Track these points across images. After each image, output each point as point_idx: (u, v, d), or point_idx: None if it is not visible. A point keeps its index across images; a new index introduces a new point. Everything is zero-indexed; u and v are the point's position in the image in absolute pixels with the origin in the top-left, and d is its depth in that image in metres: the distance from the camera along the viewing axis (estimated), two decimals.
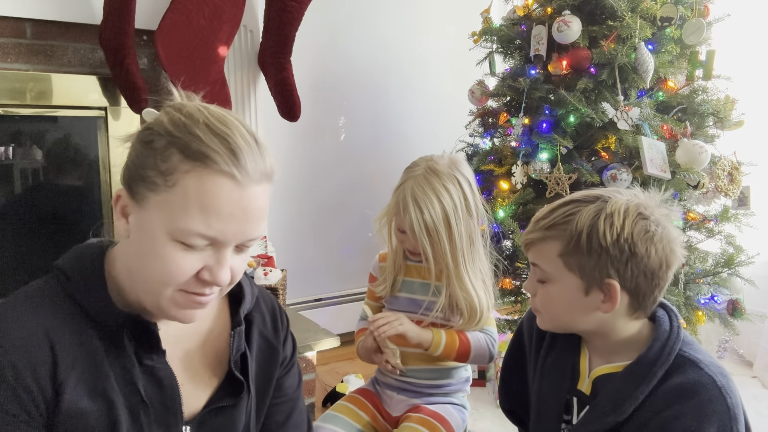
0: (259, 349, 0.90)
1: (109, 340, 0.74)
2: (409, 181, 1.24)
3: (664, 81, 2.04)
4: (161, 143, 0.70)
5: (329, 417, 1.30)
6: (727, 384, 0.84)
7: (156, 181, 0.69)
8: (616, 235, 0.85)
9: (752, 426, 0.88)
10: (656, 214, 0.88)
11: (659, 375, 0.86)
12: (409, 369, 1.32)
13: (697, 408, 0.82)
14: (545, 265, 0.92)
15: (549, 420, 1.00)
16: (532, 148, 2.03)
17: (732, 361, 2.42)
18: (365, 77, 2.70)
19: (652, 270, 0.87)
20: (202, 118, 0.71)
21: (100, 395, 0.72)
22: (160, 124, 0.72)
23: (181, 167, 0.68)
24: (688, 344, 0.89)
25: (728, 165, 2.00)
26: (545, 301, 0.94)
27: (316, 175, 2.60)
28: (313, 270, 2.62)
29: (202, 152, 0.68)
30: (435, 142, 2.63)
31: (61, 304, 0.73)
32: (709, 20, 2.05)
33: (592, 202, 0.90)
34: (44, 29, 1.75)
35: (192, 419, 0.80)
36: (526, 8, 2.22)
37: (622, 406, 0.87)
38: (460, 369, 1.37)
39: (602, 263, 0.87)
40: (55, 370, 0.69)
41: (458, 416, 1.32)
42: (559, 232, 0.90)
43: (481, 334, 1.29)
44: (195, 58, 1.82)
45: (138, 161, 0.71)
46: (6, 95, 1.68)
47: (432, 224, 1.21)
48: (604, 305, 0.89)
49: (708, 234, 2.08)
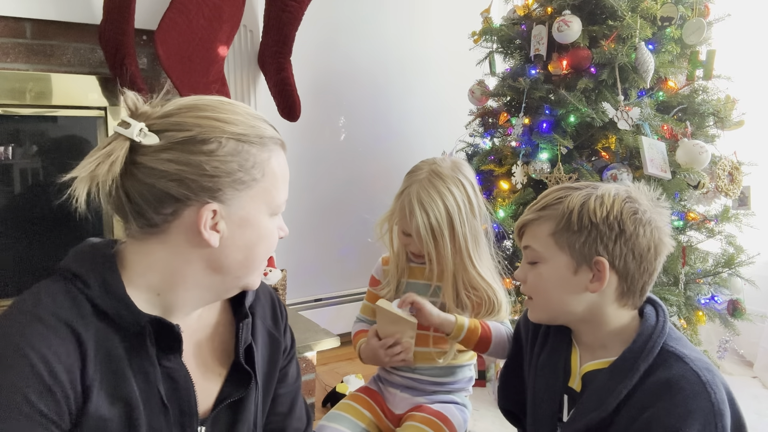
0: (263, 340, 0.91)
1: (131, 343, 0.73)
2: (414, 185, 1.25)
3: (664, 81, 2.04)
4: (230, 145, 0.73)
5: (333, 416, 1.30)
6: (712, 379, 0.83)
7: (245, 179, 0.74)
8: (605, 212, 0.89)
9: (752, 426, 0.88)
10: (645, 203, 0.92)
11: (642, 370, 0.87)
12: (416, 367, 1.32)
13: (680, 404, 0.82)
14: (537, 244, 0.95)
15: (544, 418, 1.00)
16: (533, 148, 2.03)
17: (732, 361, 2.41)
18: (365, 77, 2.70)
19: (641, 252, 0.89)
20: (234, 108, 0.76)
21: (121, 400, 0.72)
22: (212, 128, 0.73)
23: (262, 156, 0.76)
24: (675, 339, 0.90)
25: (728, 165, 1.99)
26: (536, 282, 0.96)
27: (316, 176, 2.60)
28: (313, 270, 2.62)
29: (267, 137, 0.77)
30: (435, 142, 2.63)
31: (83, 307, 0.72)
32: (710, 20, 2.05)
33: (583, 188, 0.94)
34: (44, 29, 1.75)
35: (206, 418, 0.81)
36: (526, 8, 2.22)
37: (605, 402, 0.88)
38: (464, 368, 1.37)
39: (591, 239, 0.89)
40: (84, 374, 0.69)
41: (460, 416, 1.32)
42: (551, 212, 0.93)
43: (501, 326, 1.27)
44: (195, 58, 1.82)
45: (213, 171, 0.72)
46: (6, 95, 1.68)
47: (437, 227, 1.23)
48: (592, 284, 0.91)
49: (708, 234, 2.08)
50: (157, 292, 0.76)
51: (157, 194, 0.72)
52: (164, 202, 0.72)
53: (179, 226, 0.73)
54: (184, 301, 0.78)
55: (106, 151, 0.71)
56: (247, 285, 0.82)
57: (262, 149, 0.76)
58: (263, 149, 0.76)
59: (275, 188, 0.78)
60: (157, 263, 0.75)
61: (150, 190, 0.72)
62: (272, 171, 0.77)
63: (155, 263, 0.75)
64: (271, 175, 0.77)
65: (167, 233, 0.74)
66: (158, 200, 0.72)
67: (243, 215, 0.75)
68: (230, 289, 0.81)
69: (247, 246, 0.77)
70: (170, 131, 0.72)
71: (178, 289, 0.76)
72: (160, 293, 0.76)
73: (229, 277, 0.78)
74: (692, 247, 2.01)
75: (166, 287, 0.76)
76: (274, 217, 0.80)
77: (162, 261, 0.75)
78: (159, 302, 0.77)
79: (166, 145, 0.71)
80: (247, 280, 0.81)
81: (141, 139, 0.71)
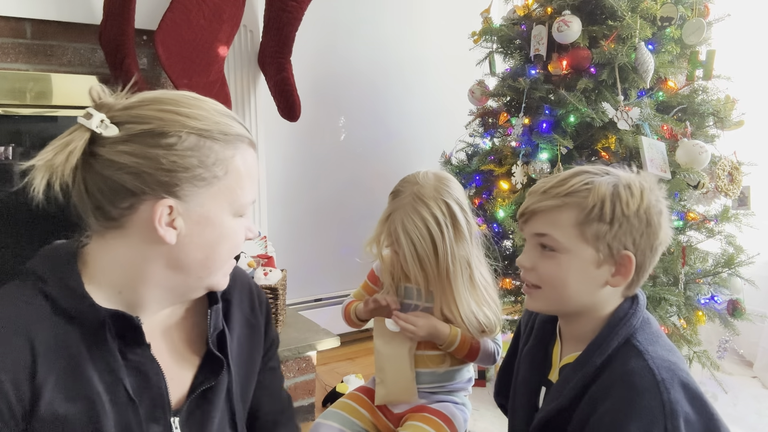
0: (240, 329, 0.90)
1: (91, 339, 0.72)
2: (398, 212, 1.22)
3: (664, 81, 2.04)
4: (191, 140, 0.71)
5: (330, 414, 1.30)
6: (669, 378, 0.79)
7: (205, 175, 0.72)
8: (637, 204, 0.85)
9: (752, 426, 0.87)
10: (658, 193, 0.89)
11: (598, 362, 0.85)
12: (418, 372, 1.32)
13: (627, 400, 0.79)
14: (558, 233, 0.87)
15: (521, 409, 1.00)
16: (532, 148, 2.03)
17: (732, 361, 2.41)
18: (365, 77, 2.70)
19: (656, 245, 0.87)
20: (199, 103, 0.74)
21: (81, 396, 0.71)
22: (172, 121, 0.71)
23: (225, 153, 0.74)
24: (648, 334, 0.87)
25: (728, 165, 1.99)
26: (551, 273, 0.89)
27: (316, 176, 2.60)
28: (313, 270, 2.62)
29: (233, 134, 0.75)
30: (435, 142, 2.64)
31: (39, 306, 0.71)
32: (709, 20, 2.05)
33: (603, 174, 0.89)
34: (44, 29, 1.75)
35: (179, 409, 0.80)
36: (526, 8, 2.22)
37: (563, 393, 0.87)
38: (462, 371, 1.37)
39: (622, 232, 0.85)
40: (35, 374, 0.68)
41: (461, 416, 1.33)
42: (579, 199, 0.86)
43: (490, 342, 1.31)
44: (195, 58, 1.82)
45: (170, 165, 0.70)
46: (6, 95, 1.68)
47: (424, 254, 1.21)
48: (614, 278, 0.87)
49: (708, 234, 2.08)
50: (119, 290, 0.75)
51: (113, 187, 0.71)
52: (120, 195, 0.71)
53: (136, 221, 0.72)
54: (147, 301, 0.77)
55: (65, 141, 0.70)
56: (211, 285, 0.80)
57: (225, 146, 0.74)
58: (227, 146, 0.74)
59: (239, 187, 0.76)
60: (117, 260, 0.74)
61: (106, 182, 0.71)
62: (236, 169, 0.75)
63: (116, 260, 0.74)
64: (234, 173, 0.75)
65: (126, 228, 0.73)
66: (114, 193, 0.71)
67: (203, 213, 0.74)
68: (194, 290, 0.80)
69: (207, 245, 0.75)
70: (130, 123, 0.71)
71: (139, 287, 0.75)
72: (122, 291, 0.75)
73: (191, 277, 0.77)
74: (692, 247, 2.01)
75: (128, 285, 0.75)
76: (239, 217, 0.78)
77: (123, 258, 0.74)
78: (121, 300, 0.76)
79: (125, 137, 0.70)
80: (210, 281, 0.79)
81: (101, 130, 0.70)
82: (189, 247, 0.74)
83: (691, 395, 0.80)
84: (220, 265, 0.78)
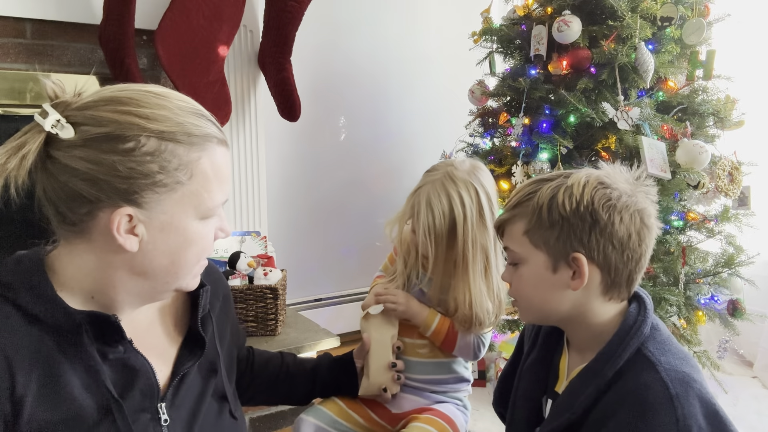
0: (218, 311, 0.91)
1: (67, 343, 0.70)
2: (426, 186, 1.24)
3: (664, 81, 2.05)
4: (151, 144, 0.67)
5: (313, 409, 1.29)
6: (683, 392, 0.77)
7: (166, 181, 0.68)
8: (575, 203, 0.83)
9: (752, 426, 0.87)
10: (621, 185, 0.86)
11: (609, 374, 0.82)
12: (408, 360, 1.32)
13: (640, 417, 0.76)
14: (514, 245, 0.91)
15: (519, 423, 0.98)
16: (532, 148, 2.03)
17: (732, 361, 2.42)
18: (365, 77, 2.70)
19: (620, 240, 0.84)
20: (162, 101, 0.70)
21: (66, 401, 0.68)
22: (130, 124, 0.67)
23: (190, 156, 0.70)
24: (659, 342, 0.84)
25: (728, 165, 2.00)
26: (518, 284, 0.92)
27: (316, 175, 2.60)
28: (313, 270, 2.62)
29: (199, 134, 0.70)
30: (435, 142, 2.64)
31: (9, 316, 0.68)
32: (709, 20, 2.05)
33: (554, 179, 0.89)
34: (44, 29, 1.75)
35: (165, 394, 0.78)
36: (526, 8, 2.22)
37: (574, 404, 0.84)
38: (458, 365, 1.37)
39: (565, 235, 0.84)
40: (13, 387, 0.66)
41: (462, 417, 1.33)
42: (523, 209, 0.89)
43: (471, 335, 1.30)
44: (195, 58, 1.82)
45: (127, 172, 0.66)
46: (6, 95, 1.68)
47: (439, 230, 1.21)
48: (573, 282, 0.85)
49: (708, 234, 2.08)
50: (91, 294, 0.73)
51: (69, 193, 0.67)
52: (77, 201, 0.68)
53: (97, 228, 0.69)
54: (120, 303, 0.75)
55: (18, 144, 0.66)
56: (180, 288, 0.78)
57: (190, 149, 0.69)
58: (192, 149, 0.69)
59: (206, 190, 0.71)
60: (84, 266, 0.72)
61: (63, 188, 0.67)
62: (203, 172, 0.70)
63: (83, 267, 0.72)
64: (201, 177, 0.70)
65: (88, 233, 0.70)
66: (71, 199, 0.68)
67: (165, 220, 0.70)
68: (162, 293, 0.77)
69: (171, 251, 0.72)
70: (86, 125, 0.66)
71: (110, 292, 0.73)
72: (94, 296, 0.73)
73: (158, 282, 0.74)
74: (692, 247, 2.01)
75: (99, 290, 0.73)
76: (208, 220, 0.74)
77: (89, 264, 0.71)
78: (95, 304, 0.73)
79: (79, 142, 0.66)
80: (179, 284, 0.76)
81: (57, 131, 0.65)
82: (153, 254, 0.71)
83: (707, 411, 0.77)
84: (187, 270, 0.75)
